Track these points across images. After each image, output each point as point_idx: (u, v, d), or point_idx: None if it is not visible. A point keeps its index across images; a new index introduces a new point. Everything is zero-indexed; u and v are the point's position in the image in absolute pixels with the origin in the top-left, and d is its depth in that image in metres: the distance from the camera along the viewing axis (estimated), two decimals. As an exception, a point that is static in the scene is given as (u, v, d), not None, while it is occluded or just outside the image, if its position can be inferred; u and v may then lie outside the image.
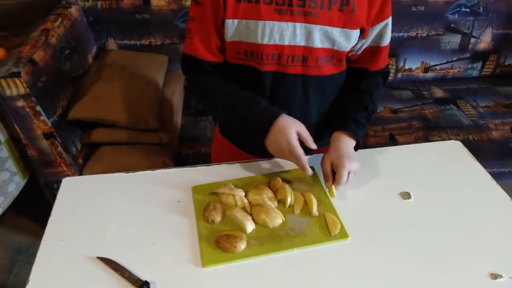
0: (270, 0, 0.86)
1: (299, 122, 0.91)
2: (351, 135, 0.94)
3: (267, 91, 0.97)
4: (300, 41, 0.89)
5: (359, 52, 0.99)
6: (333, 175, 0.91)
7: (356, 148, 0.96)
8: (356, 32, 0.91)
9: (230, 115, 0.97)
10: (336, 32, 0.88)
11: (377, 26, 0.93)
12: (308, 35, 0.88)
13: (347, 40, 0.90)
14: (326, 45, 0.90)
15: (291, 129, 0.88)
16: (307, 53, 0.91)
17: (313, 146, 0.90)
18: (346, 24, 0.88)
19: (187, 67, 1.00)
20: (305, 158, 0.89)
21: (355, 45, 0.95)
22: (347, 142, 0.94)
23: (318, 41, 0.89)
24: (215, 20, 0.90)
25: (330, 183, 0.91)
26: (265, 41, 0.88)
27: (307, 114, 1.02)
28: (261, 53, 0.90)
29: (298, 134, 0.89)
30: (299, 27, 0.87)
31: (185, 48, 0.98)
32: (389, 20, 0.94)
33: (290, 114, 0.94)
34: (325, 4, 0.86)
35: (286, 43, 0.89)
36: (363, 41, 0.95)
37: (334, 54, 0.93)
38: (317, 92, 0.99)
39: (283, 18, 0.86)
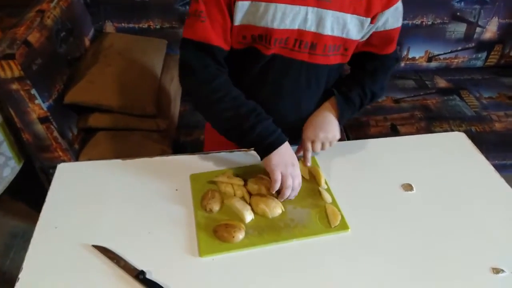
0: None
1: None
2: (336, 108, 0.96)
3: (270, 76, 0.94)
4: (310, 26, 0.86)
5: (366, 38, 0.95)
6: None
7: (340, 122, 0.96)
8: (367, 20, 0.88)
9: (234, 123, 0.88)
10: (348, 19, 0.86)
11: (387, 11, 0.90)
12: (320, 21, 0.85)
13: (358, 27, 0.88)
14: (337, 33, 0.87)
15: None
16: (316, 39, 0.88)
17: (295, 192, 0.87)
18: (356, 10, 0.86)
19: (193, 56, 0.86)
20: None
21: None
22: (326, 114, 0.96)
23: (329, 28, 0.86)
24: (228, 1, 0.83)
25: (299, 153, 0.96)
26: (275, 25, 0.84)
27: (306, 103, 0.99)
28: (270, 37, 0.86)
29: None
30: (311, 11, 0.84)
31: (192, 33, 0.84)
32: (399, 4, 0.91)
33: (289, 101, 0.96)
34: None
35: (296, 27, 0.85)
36: (371, 26, 0.91)
37: (342, 43, 0.90)
38: (320, 81, 0.97)
39: (295, 1, 0.83)
